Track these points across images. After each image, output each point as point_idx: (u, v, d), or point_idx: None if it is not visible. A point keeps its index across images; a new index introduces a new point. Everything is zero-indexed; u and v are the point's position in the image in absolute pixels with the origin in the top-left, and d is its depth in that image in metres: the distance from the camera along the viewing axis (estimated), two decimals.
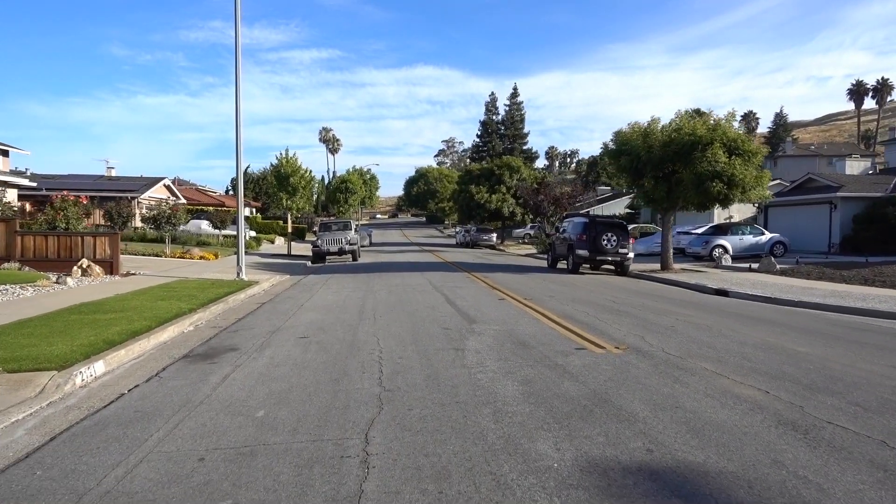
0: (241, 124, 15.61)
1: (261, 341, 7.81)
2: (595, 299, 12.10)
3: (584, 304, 11.15)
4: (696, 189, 17.59)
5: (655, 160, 17.98)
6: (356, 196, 72.86)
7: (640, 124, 19.62)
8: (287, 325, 9.06)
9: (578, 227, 19.67)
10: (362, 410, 4.71)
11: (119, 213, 22.22)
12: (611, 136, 20.24)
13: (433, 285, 14.69)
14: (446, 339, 7.64)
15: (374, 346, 7.33)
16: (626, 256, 19.10)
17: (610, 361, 6.32)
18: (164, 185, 38.16)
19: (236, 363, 6.55)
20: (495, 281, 15.84)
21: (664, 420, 4.39)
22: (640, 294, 13.46)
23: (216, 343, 7.83)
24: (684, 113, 18.56)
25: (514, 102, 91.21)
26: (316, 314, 10.18)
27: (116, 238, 15.64)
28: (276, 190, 27.91)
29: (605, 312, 10.09)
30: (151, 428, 4.43)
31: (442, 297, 12.32)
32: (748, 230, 25.15)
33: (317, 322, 9.29)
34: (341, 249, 25.39)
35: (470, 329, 8.40)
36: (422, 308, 10.65)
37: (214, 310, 10.63)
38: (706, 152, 17.19)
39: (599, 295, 12.97)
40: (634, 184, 19.87)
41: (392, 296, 12.57)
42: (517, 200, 42.87)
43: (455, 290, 13.65)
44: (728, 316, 10.09)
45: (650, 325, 8.72)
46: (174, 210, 22.75)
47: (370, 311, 10.31)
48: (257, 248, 32.20)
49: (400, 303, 11.42)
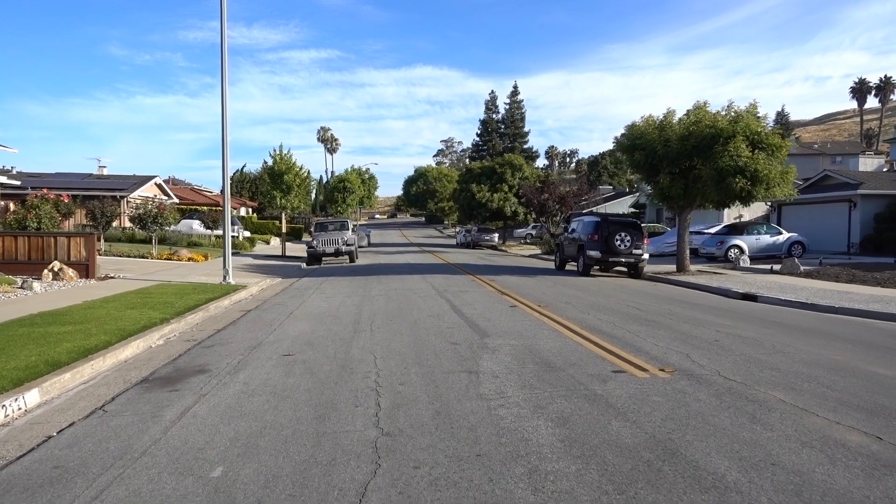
0: (227, 119, 14.44)
1: (237, 360, 6.63)
2: (616, 306, 10.93)
3: (605, 312, 9.98)
4: (716, 185, 16.41)
5: (673, 155, 16.81)
6: (354, 196, 71.69)
7: (655, 118, 18.46)
8: (271, 339, 7.88)
9: (590, 226, 18.49)
10: (352, 468, 3.53)
11: (102, 213, 20.98)
12: (623, 131, 19.09)
13: (436, 290, 13.52)
14: (456, 358, 6.46)
15: (370, 366, 6.16)
16: (641, 258, 17.93)
17: (660, 390, 5.15)
18: (154, 184, 36.88)
19: (202, 391, 5.37)
20: (503, 285, 14.67)
21: (765, 487, 3.22)
22: (663, 299, 12.30)
23: (185, 362, 6.65)
24: (703, 104, 17.39)
25: (514, 101, 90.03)
26: (305, 325, 9.01)
27: (93, 239, 14.45)
28: (270, 188, 26.69)
29: (632, 322, 8.92)
30: (65, 497, 3.26)
31: (446, 303, 11.15)
32: (764, 229, 23.97)
33: (305, 335, 8.12)
34: (338, 250, 24.19)
35: (482, 344, 7.22)
36: (425, 317, 9.47)
37: (192, 319, 9.44)
38: (728, 146, 16.01)
39: (619, 301, 11.80)
40: (648, 180, 18.70)
41: (391, 303, 11.40)
42: (519, 200, 41.67)
43: (460, 295, 12.48)
44: (771, 326, 8.92)
45: (690, 340, 7.55)
46: (161, 209, 21.51)
47: (367, 322, 9.14)
48: (251, 249, 31.01)
49: (400, 311, 10.24)
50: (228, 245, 14.64)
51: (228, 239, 14.68)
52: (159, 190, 37.23)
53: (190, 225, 31.88)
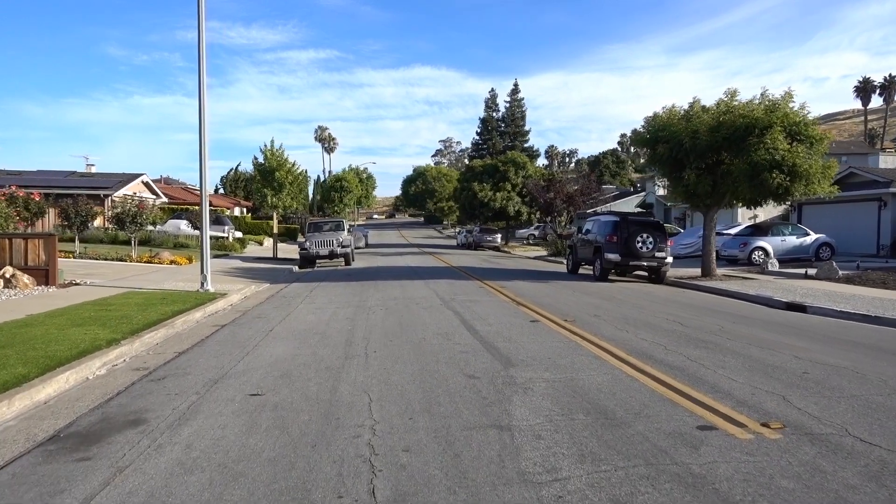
0: (205, 105, 12.82)
1: (188, 403, 5.03)
2: (652, 320, 9.34)
3: (645, 329, 8.39)
4: (749, 182, 14.84)
5: (701, 148, 15.22)
6: (352, 195, 70.02)
7: (678, 108, 16.89)
8: (239, 368, 6.27)
9: (607, 226, 16.90)
10: None
11: (77, 212, 19.32)
12: (641, 123, 17.52)
13: (441, 299, 11.91)
14: (477, 402, 4.87)
15: (362, 415, 4.56)
16: (664, 261, 16.34)
17: (782, 466, 3.55)
18: (141, 182, 35.21)
19: (122, 462, 3.77)
20: (516, 292, 13.07)
21: None
22: (702, 310, 10.72)
23: (119, 407, 5.04)
24: (734, 91, 15.81)
25: (514, 99, 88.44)
26: (286, 346, 7.40)
27: (53, 241, 12.82)
28: (260, 186, 24.97)
29: (684, 343, 7.33)
30: None
31: (455, 317, 9.54)
32: (789, 230, 22.37)
33: (283, 361, 6.51)
34: (332, 252, 22.54)
35: (508, 378, 5.62)
36: (431, 336, 7.87)
37: (150, 339, 7.83)
38: (764, 137, 14.45)
39: (653, 313, 10.21)
40: (671, 177, 17.11)
41: (391, 315, 9.79)
42: (523, 199, 40.08)
43: (470, 306, 10.87)
44: (851, 347, 7.33)
45: (772, 371, 5.96)
46: (141, 208, 19.84)
47: (361, 342, 7.53)
48: (241, 251, 29.37)
49: (401, 327, 8.64)
50: (206, 247, 13.03)
51: (206, 241, 13.06)
52: (146, 188, 35.61)
53: (177, 225, 30.22)
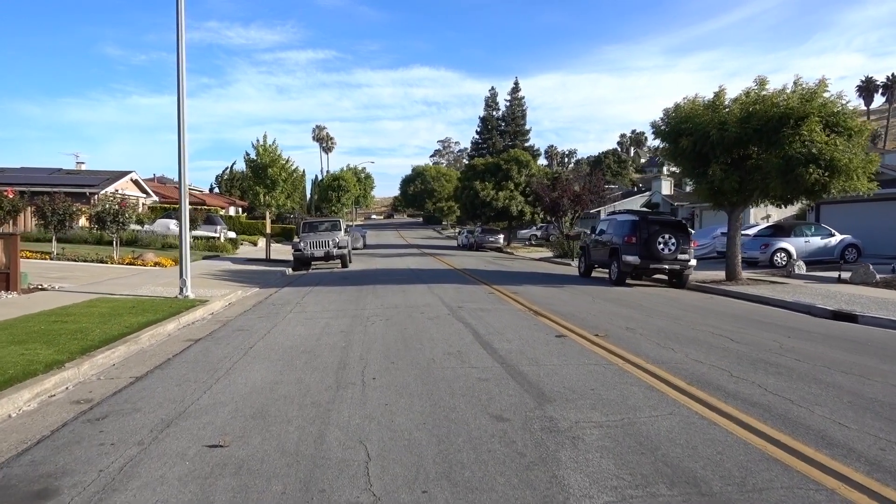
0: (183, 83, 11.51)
1: (123, 460, 3.73)
2: (696, 334, 8.07)
3: (693, 347, 7.11)
4: (782, 177, 13.57)
5: (730, 141, 13.93)
6: (350, 195, 68.73)
7: (701, 98, 15.62)
8: (203, 403, 4.98)
9: (625, 226, 15.63)
10: None
11: (54, 211, 17.99)
12: (661, 115, 16.22)
13: (448, 307, 10.62)
14: (513, 463, 3.58)
15: (357, 484, 3.27)
16: (687, 264, 15.07)
17: None
18: (130, 180, 33.82)
19: None
20: (530, 299, 11.78)
21: None
22: (744, 321, 9.45)
23: (28, 466, 3.74)
24: (764, 79, 14.53)
25: (515, 98, 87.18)
26: (266, 370, 6.10)
27: (14, 241, 11.51)
28: (252, 183, 23.61)
29: (749, 368, 6.05)
30: None
31: (466, 329, 8.25)
32: (812, 230, 21.13)
33: (260, 393, 5.22)
34: (328, 254, 21.21)
35: (548, 421, 4.34)
36: (441, 355, 6.59)
37: (105, 359, 6.53)
38: (800, 129, 13.20)
39: (692, 324, 8.94)
40: (693, 173, 15.83)
41: (392, 328, 8.50)
42: (526, 198, 38.79)
43: (481, 315, 9.58)
44: None
45: (884, 410, 4.68)
46: (123, 206, 18.52)
47: (356, 365, 6.24)
48: (233, 252, 28.04)
49: (404, 343, 7.35)
50: (186, 248, 11.72)
51: (186, 241, 11.75)
52: (136, 187, 34.26)
53: (167, 225, 28.86)
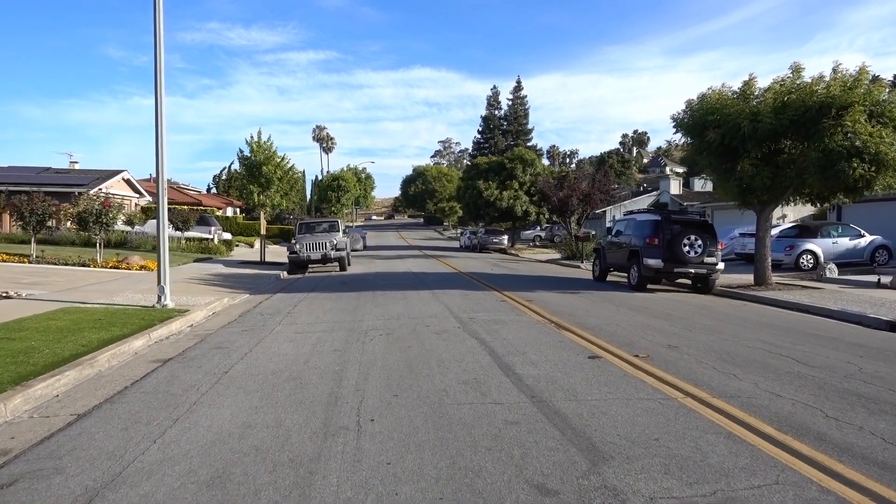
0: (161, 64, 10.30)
1: None
2: (751, 353, 6.87)
3: (757, 372, 5.91)
4: (821, 173, 12.37)
5: (763, 133, 12.71)
6: (349, 195, 67.60)
7: (728, 88, 14.42)
8: (147, 462, 3.77)
9: (646, 227, 14.43)
10: None
11: (32, 211, 16.79)
12: (683, 108, 15.00)
13: (457, 318, 9.42)
14: None
15: None
16: (715, 268, 13.89)
17: None
18: (122, 180, 32.64)
19: None
20: (547, 308, 10.58)
21: None
22: (798, 335, 8.25)
23: None
24: (798, 67, 13.31)
25: (517, 97, 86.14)
26: (239, 406, 4.90)
27: None
28: (246, 182, 22.39)
29: (842, 403, 4.85)
30: None
31: (482, 348, 7.05)
32: (839, 231, 19.92)
33: (225, 444, 4.01)
34: (325, 256, 20.01)
35: (611, 496, 3.13)
36: (455, 385, 5.38)
37: (47, 388, 5.34)
38: (842, 119, 12.01)
39: (742, 340, 7.73)
40: (719, 169, 14.59)
41: (393, 345, 7.30)
42: (531, 198, 37.57)
43: (497, 330, 8.37)
44: None
45: None
46: (106, 206, 17.31)
47: (351, 399, 5.03)
48: (227, 254, 26.85)
49: (409, 367, 6.15)
50: (165, 251, 10.52)
51: (165, 242, 10.55)
52: (128, 186, 33.07)
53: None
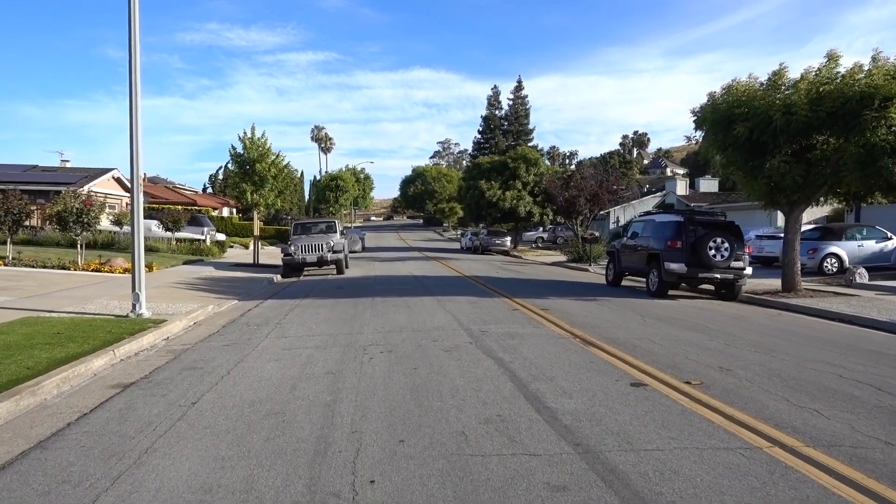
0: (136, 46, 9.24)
1: None
2: (816, 377, 5.82)
3: (837, 404, 4.86)
4: (861, 170, 11.35)
5: (797, 127, 11.68)
6: (348, 195, 66.45)
7: (755, 79, 13.38)
8: None
9: (667, 228, 13.39)
10: None
11: (8, 210, 15.70)
12: (706, 100, 13.94)
13: (468, 331, 8.36)
14: None
15: None
16: (742, 273, 12.83)
17: None
18: (112, 178, 31.54)
19: None
20: (566, 318, 9.51)
21: None
22: (852, 351, 7.20)
23: None
24: (834, 55, 12.25)
25: (518, 96, 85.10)
26: (201, 457, 3.82)
27: None
28: (238, 180, 21.28)
29: None
30: None
31: (500, 371, 5.99)
32: (864, 233, 18.89)
33: None
34: (321, 259, 18.94)
35: None
36: (475, 426, 4.32)
37: None
38: (886, 112, 10.97)
39: (795, 360, 6.68)
40: (746, 166, 13.49)
41: (397, 368, 6.23)
42: (535, 198, 36.53)
43: (515, 346, 7.30)
44: None
45: None
46: (87, 204, 16.23)
47: (344, 449, 3.95)
48: (220, 256, 25.80)
49: (416, 398, 5.08)
50: (140, 254, 9.46)
51: (140, 244, 9.47)
52: (118, 184, 31.96)
53: (148, 226, 26.57)
